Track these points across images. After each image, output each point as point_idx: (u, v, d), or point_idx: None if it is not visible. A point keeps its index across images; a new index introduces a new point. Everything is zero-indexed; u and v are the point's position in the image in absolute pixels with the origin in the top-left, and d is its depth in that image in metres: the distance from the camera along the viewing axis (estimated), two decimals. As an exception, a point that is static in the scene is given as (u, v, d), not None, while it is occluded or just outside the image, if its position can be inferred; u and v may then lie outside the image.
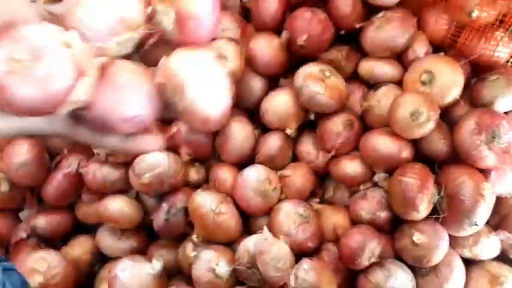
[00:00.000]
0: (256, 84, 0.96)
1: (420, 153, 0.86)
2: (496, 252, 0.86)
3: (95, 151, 0.90)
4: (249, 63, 0.94)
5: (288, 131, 0.92)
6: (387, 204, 0.85)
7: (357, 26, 0.90)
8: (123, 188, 0.94)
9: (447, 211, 0.80)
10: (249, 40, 0.94)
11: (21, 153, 0.90)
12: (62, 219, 0.97)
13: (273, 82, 0.99)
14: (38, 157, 0.92)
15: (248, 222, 0.92)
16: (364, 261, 0.80)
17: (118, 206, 0.90)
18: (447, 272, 0.82)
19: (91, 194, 0.97)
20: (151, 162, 0.88)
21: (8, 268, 0.55)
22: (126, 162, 0.91)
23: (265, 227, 0.80)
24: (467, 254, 0.85)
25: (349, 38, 0.95)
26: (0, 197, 0.93)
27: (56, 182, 0.94)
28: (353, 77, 0.96)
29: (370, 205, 0.85)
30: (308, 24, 0.89)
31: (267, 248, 0.75)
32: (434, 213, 0.81)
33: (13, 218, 0.98)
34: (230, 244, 0.88)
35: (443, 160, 0.85)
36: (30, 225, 0.93)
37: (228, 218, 0.85)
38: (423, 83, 0.84)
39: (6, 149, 0.91)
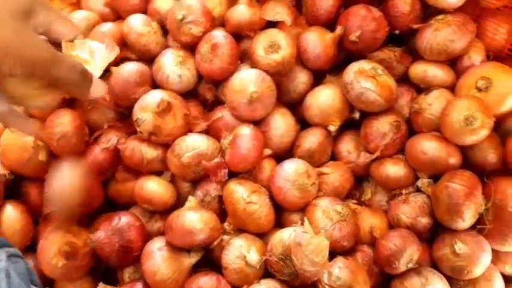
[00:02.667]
0: (303, 77, 0.95)
1: (467, 162, 0.83)
2: (540, 272, 0.82)
3: (138, 129, 0.89)
4: (298, 55, 0.93)
5: (331, 128, 0.90)
6: (429, 210, 0.82)
7: (415, 26, 0.88)
8: (159, 169, 0.93)
9: (492, 224, 0.77)
10: (301, 32, 0.93)
11: (63, 123, 0.90)
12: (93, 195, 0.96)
13: (318, 78, 0.98)
14: (78, 129, 0.91)
15: (281, 217, 0.90)
16: (402, 265, 0.77)
17: (154, 186, 0.89)
18: (487, 286, 0.79)
19: (125, 172, 0.96)
20: (192, 142, 0.87)
21: (13, 254, 0.53)
22: (165, 142, 0.90)
23: (306, 219, 0.77)
24: (509, 270, 0.82)
25: (399, 40, 0.94)
26: (37, 166, 0.93)
27: (93, 156, 0.94)
28: (402, 80, 0.94)
29: (411, 210, 0.83)
30: (362, 21, 0.89)
31: (307, 240, 0.73)
32: (478, 224, 0.78)
33: (47, 189, 0.97)
34: (262, 236, 0.86)
35: (490, 172, 0.82)
36: (63, 197, 0.93)
37: (258, 208, 0.83)
38: (479, 90, 0.81)
39: (48, 118, 0.91)
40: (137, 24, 0.97)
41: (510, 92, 0.80)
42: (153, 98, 0.89)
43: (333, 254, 0.78)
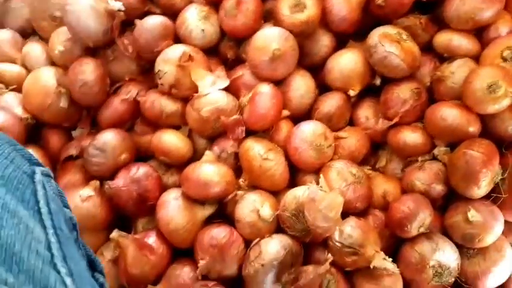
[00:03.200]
0: (326, 40, 0.94)
1: (486, 132, 0.82)
2: (551, 246, 0.82)
3: (159, 82, 0.90)
4: (322, 17, 0.92)
5: (351, 92, 0.90)
6: (444, 178, 0.82)
7: (443, -6, 0.87)
8: (178, 123, 0.94)
9: (507, 194, 0.77)
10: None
11: (87, 71, 0.91)
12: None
13: (341, 43, 0.97)
14: (100, 79, 0.92)
15: (296, 178, 0.90)
16: (414, 229, 0.78)
17: (172, 139, 0.90)
18: (497, 256, 0.79)
19: (144, 125, 0.97)
20: (211, 98, 0.88)
21: (47, 174, 0.54)
22: (186, 96, 0.91)
23: (321, 175, 0.78)
24: (520, 243, 0.82)
25: (426, 7, 0.93)
26: (58, 112, 0.94)
27: (113, 107, 0.95)
28: (426, 49, 0.93)
29: (426, 176, 0.83)
30: (387, -13, 0.87)
31: (321, 196, 0.74)
32: (492, 194, 0.78)
33: (66, 136, 0.99)
34: (275, 194, 0.87)
35: (509, 143, 0.81)
36: (81, 144, 0.94)
37: (274, 166, 0.83)
38: (504, 59, 0.80)
39: (72, 65, 0.93)
40: (164, -21, 0.97)
41: (537, 64, 0.79)
42: (175, 51, 0.89)
43: (345, 215, 0.79)
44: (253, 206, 0.81)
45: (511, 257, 0.80)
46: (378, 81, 0.91)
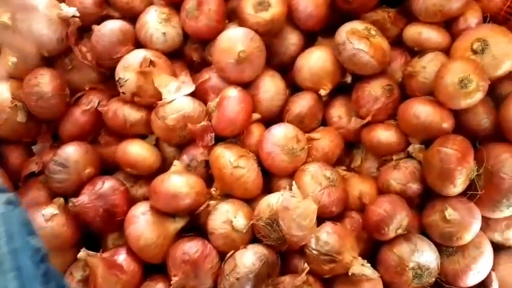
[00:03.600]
0: (293, 38, 0.92)
1: (460, 127, 0.81)
2: (528, 239, 0.81)
3: (120, 90, 0.85)
4: (288, 15, 0.89)
5: (322, 92, 0.88)
6: (420, 176, 0.81)
7: (410, -14, 0.84)
8: (143, 133, 0.90)
9: (484, 190, 0.75)
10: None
11: (42, 83, 0.86)
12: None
13: (310, 40, 0.94)
14: (58, 90, 0.87)
15: (270, 184, 0.88)
16: (391, 231, 0.76)
17: (138, 149, 0.87)
18: (476, 253, 0.78)
19: (108, 136, 0.93)
20: (177, 104, 0.84)
21: (11, 201, 0.50)
22: (149, 104, 0.86)
23: (294, 183, 0.75)
24: (498, 238, 0.81)
25: (393, 1, 0.90)
26: (15, 127, 0.89)
27: (74, 118, 0.90)
28: (396, 43, 0.91)
29: (402, 175, 0.81)
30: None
31: (295, 204, 0.71)
32: (468, 191, 0.77)
33: (26, 152, 0.94)
34: (249, 202, 0.84)
35: (483, 137, 0.80)
36: (42, 159, 0.90)
37: (246, 173, 0.80)
38: (474, 52, 0.79)
39: (27, 78, 0.87)
40: (121, -20, 0.92)
41: (507, 55, 0.77)
42: (136, 57, 0.85)
43: (321, 220, 0.76)
44: (226, 217, 0.77)
45: (490, 253, 0.79)
46: (348, 79, 0.89)
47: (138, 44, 0.92)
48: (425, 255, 0.76)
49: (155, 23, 0.89)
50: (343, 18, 0.89)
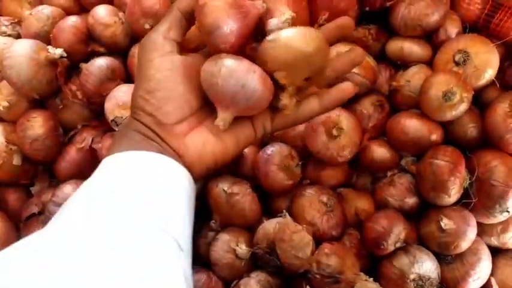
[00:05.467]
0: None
1: (449, 137, 0.83)
2: (524, 241, 0.83)
3: (117, 129, 0.86)
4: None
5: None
6: (415, 189, 0.82)
7: (388, 4, 0.86)
8: (139, 166, 0.91)
9: (477, 197, 0.77)
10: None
11: (35, 126, 0.87)
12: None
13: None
14: (51, 131, 0.89)
15: (270, 205, 0.89)
16: (390, 246, 0.77)
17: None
18: (474, 260, 0.79)
19: (105, 171, 0.93)
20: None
21: None
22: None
23: (286, 214, 0.76)
24: (495, 242, 0.82)
25: (372, 17, 0.92)
26: (12, 170, 0.90)
27: (69, 157, 0.91)
28: (380, 58, 0.92)
29: (398, 192, 0.82)
30: (329, 2, 0.84)
31: (289, 235, 0.73)
32: (462, 199, 0.78)
33: (25, 193, 0.95)
34: (250, 228, 0.84)
35: (472, 146, 0.82)
36: (41, 200, 0.90)
37: (240, 198, 0.81)
38: (457, 64, 0.80)
39: (19, 121, 0.88)
40: (103, 15, 0.93)
41: (487, 64, 0.79)
42: (127, 93, 0.86)
43: (320, 242, 0.78)
44: (228, 247, 0.78)
45: (488, 258, 0.80)
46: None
47: (129, 78, 0.93)
48: (425, 266, 0.77)
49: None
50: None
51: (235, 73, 0.47)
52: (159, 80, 0.51)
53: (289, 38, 0.48)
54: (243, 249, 0.78)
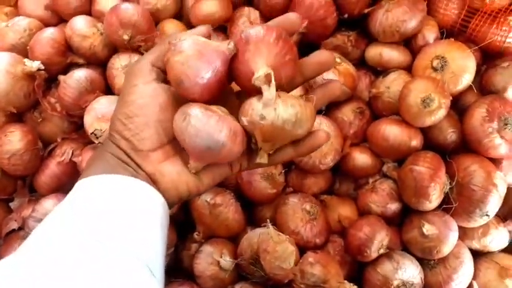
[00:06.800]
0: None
1: (429, 142, 0.83)
2: (505, 243, 0.84)
3: (97, 141, 0.85)
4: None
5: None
6: (397, 195, 0.83)
7: (366, 11, 0.86)
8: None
9: (457, 202, 0.78)
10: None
11: (13, 141, 0.85)
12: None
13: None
14: (30, 145, 0.87)
15: (254, 215, 0.89)
16: (373, 252, 0.77)
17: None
18: (456, 263, 0.80)
19: (86, 183, 0.92)
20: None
21: None
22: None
23: (269, 224, 0.76)
24: (476, 245, 0.83)
25: (351, 24, 0.92)
26: (-10, 186, 0.88)
27: (49, 171, 0.89)
28: (359, 64, 0.93)
29: (380, 198, 0.83)
30: (308, 10, 0.85)
31: (272, 247, 0.72)
32: (443, 204, 0.79)
33: (4, 209, 0.93)
34: (234, 238, 0.84)
35: (451, 150, 0.83)
36: (21, 216, 0.89)
37: (223, 209, 0.81)
38: (435, 69, 0.81)
39: (-4, 136, 0.87)
40: (81, 26, 0.92)
41: (464, 70, 0.80)
42: (106, 106, 0.85)
43: (305, 251, 0.78)
44: (212, 259, 0.78)
45: (470, 261, 0.81)
46: (323, 107, 0.90)
47: (108, 89, 0.92)
48: (408, 271, 0.78)
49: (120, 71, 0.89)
50: (305, 49, 0.90)
51: (200, 133, 0.46)
52: (139, 106, 0.51)
53: (277, 118, 0.46)
54: (226, 260, 0.77)
